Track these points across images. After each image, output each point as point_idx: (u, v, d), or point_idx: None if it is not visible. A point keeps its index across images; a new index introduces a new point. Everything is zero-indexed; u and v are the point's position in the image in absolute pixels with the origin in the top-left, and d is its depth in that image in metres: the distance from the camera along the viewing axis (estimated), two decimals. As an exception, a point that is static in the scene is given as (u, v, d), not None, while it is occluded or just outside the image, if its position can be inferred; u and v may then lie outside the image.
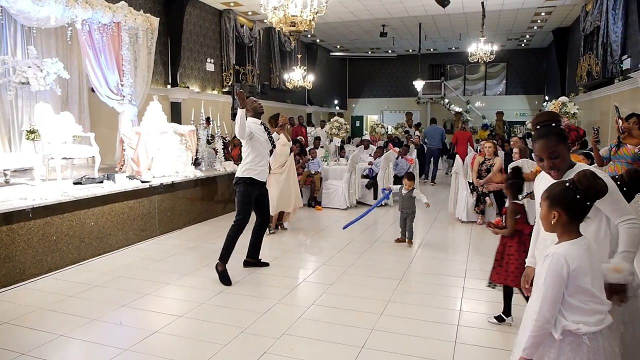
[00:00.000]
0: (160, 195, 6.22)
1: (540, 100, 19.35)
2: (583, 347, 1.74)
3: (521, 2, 12.14)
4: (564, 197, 1.79)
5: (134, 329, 3.46)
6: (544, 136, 2.12)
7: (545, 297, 1.74)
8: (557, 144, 2.07)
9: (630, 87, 8.72)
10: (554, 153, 2.07)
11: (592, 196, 1.78)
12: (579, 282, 1.74)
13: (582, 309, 1.75)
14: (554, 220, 1.81)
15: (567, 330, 1.74)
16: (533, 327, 1.76)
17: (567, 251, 1.76)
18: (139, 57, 7.51)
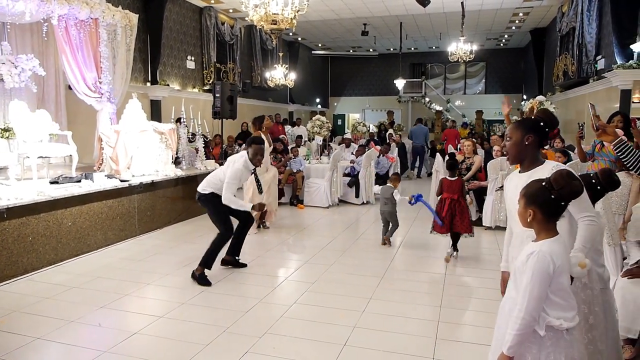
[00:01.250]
0: (140, 194, 6.13)
1: (518, 99, 19.68)
2: (561, 341, 1.78)
3: (500, 3, 12.33)
4: (539, 196, 1.83)
5: (113, 330, 3.41)
6: (516, 123, 2.30)
7: (532, 295, 1.76)
8: (516, 130, 2.23)
9: (604, 86, 8.94)
10: (509, 136, 2.24)
11: (567, 196, 1.82)
12: (561, 279, 1.78)
13: (562, 305, 1.79)
14: (530, 218, 1.85)
15: (549, 326, 1.78)
16: (519, 325, 1.77)
17: (551, 249, 1.79)
18: (118, 54, 7.39)
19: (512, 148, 2.23)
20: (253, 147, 4.49)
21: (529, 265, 1.79)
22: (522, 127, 2.23)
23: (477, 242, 6.00)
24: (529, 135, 2.18)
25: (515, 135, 2.21)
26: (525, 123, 2.27)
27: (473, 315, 3.81)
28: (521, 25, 15.17)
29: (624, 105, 7.95)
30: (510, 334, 1.79)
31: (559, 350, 1.78)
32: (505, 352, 1.80)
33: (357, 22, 14.61)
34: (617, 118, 4.48)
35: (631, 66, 7.79)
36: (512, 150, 2.23)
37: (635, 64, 7.77)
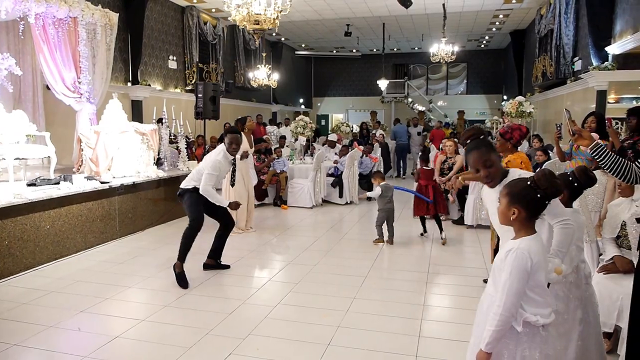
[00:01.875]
0: (120, 196, 6.05)
1: (499, 99, 19.98)
2: (537, 337, 1.82)
3: (480, 5, 12.49)
4: (525, 195, 1.85)
5: (93, 334, 3.36)
6: (475, 148, 2.23)
7: (510, 291, 1.79)
8: (489, 153, 2.19)
9: (581, 87, 9.13)
10: (488, 161, 2.17)
11: (551, 195, 1.87)
12: (538, 276, 1.82)
13: (538, 301, 1.83)
14: (513, 217, 1.87)
15: (526, 322, 1.81)
16: (497, 322, 1.79)
17: (529, 246, 1.83)
18: (98, 53, 7.28)
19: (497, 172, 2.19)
20: (228, 136, 4.57)
21: (508, 262, 1.82)
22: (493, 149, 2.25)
23: (459, 240, 6.07)
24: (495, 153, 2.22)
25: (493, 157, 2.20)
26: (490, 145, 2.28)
27: (455, 312, 3.85)
28: (501, 27, 15.40)
29: (600, 106, 8.14)
30: (488, 330, 1.82)
31: (534, 346, 1.81)
32: (484, 349, 1.82)
33: (340, 23, 14.66)
34: (590, 119, 4.58)
35: (606, 68, 7.97)
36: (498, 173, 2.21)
37: (611, 66, 7.96)
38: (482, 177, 2.21)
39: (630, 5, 7.69)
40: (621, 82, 8.20)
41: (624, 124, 7.03)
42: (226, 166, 4.62)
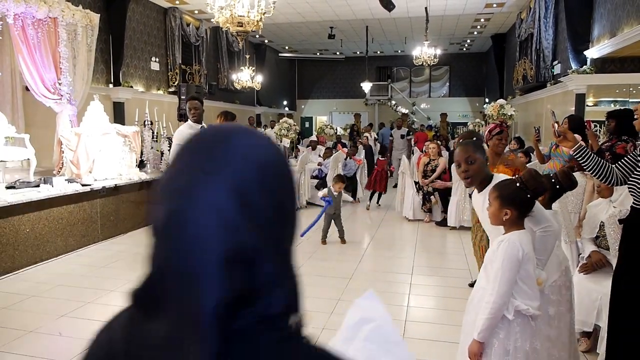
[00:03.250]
0: (102, 198, 5.97)
1: (481, 102, 20.25)
2: (528, 328, 1.86)
3: (462, 8, 12.66)
4: (516, 196, 1.91)
5: (74, 339, 3.31)
6: (463, 144, 2.32)
7: (502, 280, 1.83)
8: (474, 151, 2.23)
9: (560, 90, 9.32)
10: (471, 158, 2.21)
11: (538, 194, 1.94)
12: (527, 267, 1.87)
13: (528, 293, 1.88)
14: (506, 217, 1.92)
15: (517, 311, 1.85)
16: (490, 309, 1.83)
17: (520, 237, 1.89)
18: (78, 54, 7.18)
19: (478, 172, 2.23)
20: (187, 103, 4.72)
21: (500, 252, 1.88)
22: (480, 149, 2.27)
23: (442, 242, 6.14)
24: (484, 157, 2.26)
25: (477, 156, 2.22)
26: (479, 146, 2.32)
27: (439, 314, 3.89)
28: (483, 30, 15.63)
29: (579, 109, 8.31)
30: (481, 319, 1.86)
31: (525, 337, 1.85)
32: (476, 338, 1.86)
33: (324, 25, 14.70)
34: (564, 121, 4.65)
35: (585, 71, 8.15)
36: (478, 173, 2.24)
37: (589, 69, 8.14)
38: (460, 172, 2.25)
39: (607, 10, 7.88)
40: (599, 85, 8.39)
41: (602, 127, 7.20)
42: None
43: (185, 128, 4.59)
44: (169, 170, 0.58)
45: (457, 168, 2.29)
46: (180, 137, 4.51)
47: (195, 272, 0.51)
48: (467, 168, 2.22)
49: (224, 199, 0.52)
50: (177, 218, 0.53)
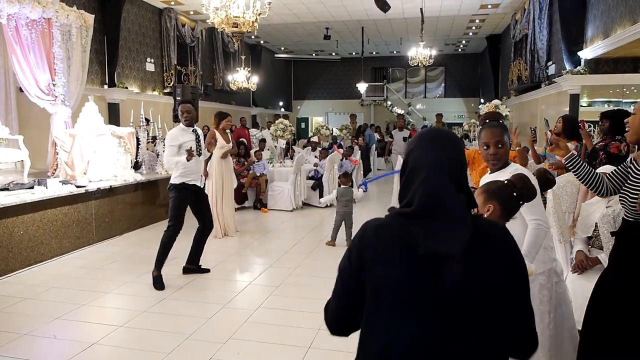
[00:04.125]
0: (97, 200, 5.94)
1: (476, 102, 20.31)
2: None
3: (457, 9, 12.70)
4: (501, 192, 1.90)
5: (69, 342, 3.29)
6: (494, 126, 2.34)
7: None
8: (502, 135, 2.29)
9: (555, 91, 9.36)
10: (500, 142, 2.28)
11: (525, 197, 1.91)
12: None
13: None
14: (488, 213, 1.90)
15: None
16: None
17: None
18: (73, 55, 7.15)
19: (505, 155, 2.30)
20: (179, 107, 4.68)
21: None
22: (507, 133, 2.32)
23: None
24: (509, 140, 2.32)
25: (505, 140, 2.29)
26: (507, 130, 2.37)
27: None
28: (477, 31, 15.68)
29: (573, 109, 8.35)
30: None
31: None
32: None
33: (319, 26, 14.71)
34: (558, 120, 4.70)
35: (579, 72, 8.19)
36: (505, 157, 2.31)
37: (583, 70, 8.18)
38: (489, 154, 2.29)
39: (600, 12, 7.93)
40: (593, 86, 8.44)
41: (596, 127, 7.23)
42: (185, 136, 4.52)
43: (177, 131, 4.56)
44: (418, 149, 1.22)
45: (485, 149, 2.30)
46: (171, 138, 4.49)
47: (453, 193, 1.15)
48: (496, 151, 2.27)
49: (459, 169, 1.20)
50: (448, 168, 1.18)
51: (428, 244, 1.09)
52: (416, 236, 1.10)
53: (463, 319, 1.10)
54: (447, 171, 1.16)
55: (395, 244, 1.14)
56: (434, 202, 1.13)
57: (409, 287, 1.11)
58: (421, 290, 1.10)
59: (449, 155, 1.18)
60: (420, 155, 1.19)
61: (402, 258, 1.12)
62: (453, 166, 1.18)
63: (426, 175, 1.15)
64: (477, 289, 1.10)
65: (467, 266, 1.07)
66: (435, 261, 1.08)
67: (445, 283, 1.07)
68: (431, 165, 1.16)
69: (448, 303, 1.09)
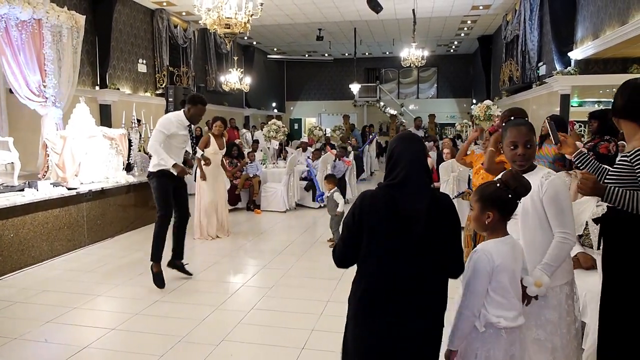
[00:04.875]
0: (89, 202, 5.90)
1: (468, 103, 20.41)
2: (501, 339, 1.84)
3: (449, 10, 12.76)
4: (498, 197, 1.87)
5: (61, 345, 3.26)
6: (523, 124, 2.20)
7: (471, 291, 1.83)
8: (532, 135, 2.16)
9: (546, 91, 9.43)
10: (530, 142, 2.14)
11: (520, 194, 1.89)
12: (500, 278, 1.83)
13: (502, 303, 1.84)
14: (488, 220, 1.88)
15: (489, 323, 1.83)
16: (459, 320, 1.84)
17: (492, 248, 1.85)
18: (64, 56, 7.10)
19: (533, 155, 2.18)
20: (195, 106, 4.41)
21: (470, 263, 1.86)
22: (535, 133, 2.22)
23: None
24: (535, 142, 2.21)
25: (534, 141, 2.18)
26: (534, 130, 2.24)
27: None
28: (469, 32, 15.77)
29: (563, 109, 8.43)
30: (453, 327, 1.86)
31: (498, 347, 1.83)
32: (449, 346, 1.87)
33: (312, 27, 14.72)
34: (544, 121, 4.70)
35: (569, 72, 8.26)
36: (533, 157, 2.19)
37: (573, 71, 8.25)
38: (517, 154, 2.14)
39: (590, 13, 8.00)
40: (583, 86, 8.52)
41: (587, 127, 7.30)
42: (179, 129, 4.37)
43: (174, 118, 4.38)
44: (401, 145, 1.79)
45: (512, 149, 2.16)
46: (164, 125, 4.32)
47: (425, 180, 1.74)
48: (524, 152, 2.13)
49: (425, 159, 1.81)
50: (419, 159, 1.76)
51: (404, 206, 1.71)
52: (396, 200, 1.72)
53: (425, 258, 1.73)
54: (419, 160, 1.78)
55: (382, 206, 1.75)
56: (411, 178, 1.73)
57: (388, 239, 1.74)
58: (397, 240, 1.73)
59: (420, 149, 1.80)
60: (403, 150, 1.78)
61: (387, 215, 1.73)
62: (422, 157, 1.80)
63: (408, 161, 1.75)
64: (435, 236, 1.74)
65: (427, 222, 1.71)
66: (408, 219, 1.71)
67: (413, 234, 1.72)
68: (411, 156, 1.76)
69: (416, 247, 1.73)
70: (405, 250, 1.72)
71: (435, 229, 1.73)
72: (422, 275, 1.73)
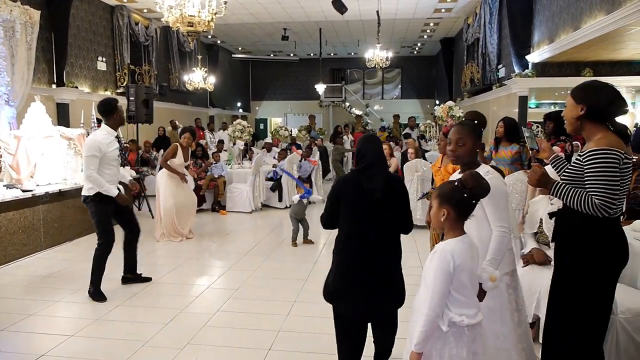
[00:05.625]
0: (45, 205, 5.68)
1: (431, 104, 20.82)
2: (463, 337, 1.88)
3: (412, 12, 12.99)
4: (453, 195, 1.91)
5: (15, 354, 3.13)
6: (460, 124, 2.43)
7: (434, 292, 1.84)
8: (468, 135, 2.33)
9: (505, 93, 9.75)
10: (461, 140, 2.33)
11: (477, 195, 1.92)
12: (461, 277, 1.87)
13: (463, 302, 1.88)
14: (444, 218, 1.93)
15: (452, 322, 1.87)
16: (424, 322, 1.84)
17: (453, 247, 1.88)
18: (17, 52, 6.82)
19: (465, 154, 2.33)
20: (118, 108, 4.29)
21: (432, 264, 1.89)
22: (475, 134, 2.34)
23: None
24: (478, 142, 2.34)
25: (468, 142, 2.31)
26: (477, 130, 2.37)
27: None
28: (432, 34, 16.10)
29: (521, 110, 8.73)
30: (417, 330, 1.87)
31: (461, 345, 1.87)
32: (413, 349, 1.87)
33: (277, 27, 14.66)
34: (500, 124, 4.81)
35: (527, 75, 8.57)
36: (465, 157, 2.33)
37: (531, 73, 8.57)
38: (449, 150, 2.40)
39: (546, 17, 8.33)
40: (540, 88, 8.86)
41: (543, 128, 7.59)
42: (109, 146, 4.08)
43: (101, 137, 4.11)
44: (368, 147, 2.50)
45: (448, 144, 2.42)
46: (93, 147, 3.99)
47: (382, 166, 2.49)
48: (455, 149, 2.35)
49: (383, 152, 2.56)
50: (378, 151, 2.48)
51: (367, 184, 2.37)
52: (362, 179, 2.40)
53: (383, 219, 2.39)
54: (378, 153, 2.46)
55: (352, 183, 2.44)
56: (372, 165, 2.41)
57: (358, 206, 2.40)
58: (364, 207, 2.38)
59: (378, 145, 2.51)
60: (367, 146, 2.48)
61: (356, 192, 2.40)
62: (380, 150, 2.49)
63: (371, 154, 2.44)
64: (389, 203, 2.39)
65: (385, 193, 2.36)
66: (371, 192, 2.36)
67: (374, 201, 2.35)
68: (374, 150, 2.46)
69: (376, 211, 2.37)
70: (369, 212, 2.37)
71: (388, 197, 2.37)
72: (381, 228, 2.39)
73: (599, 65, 8.46)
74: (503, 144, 4.59)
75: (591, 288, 2.15)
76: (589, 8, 6.62)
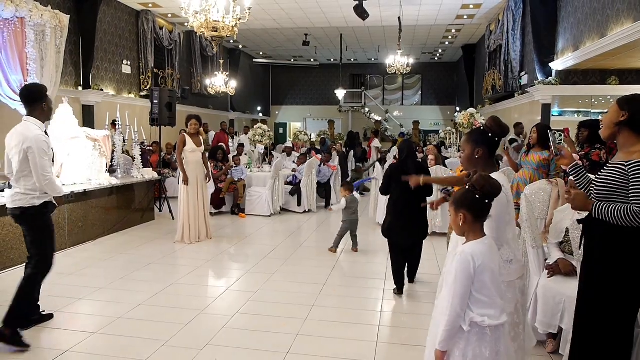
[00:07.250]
0: (70, 204, 5.81)
1: (452, 110, 20.68)
2: (486, 337, 1.90)
3: (434, 19, 12.94)
4: (466, 198, 1.96)
5: (41, 350, 3.21)
6: (468, 132, 2.52)
7: (455, 293, 1.89)
8: (465, 142, 2.40)
9: (528, 100, 9.62)
10: (462, 147, 2.45)
11: (489, 194, 1.95)
12: (483, 278, 1.90)
13: (486, 302, 1.91)
14: (462, 222, 1.97)
15: (473, 322, 1.89)
16: (446, 322, 1.89)
17: (473, 249, 1.92)
18: (47, 56, 6.98)
19: (465, 161, 2.42)
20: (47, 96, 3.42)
21: (454, 266, 1.93)
22: (472, 140, 2.36)
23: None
24: (478, 148, 2.33)
25: (466, 148, 2.37)
26: (474, 136, 2.40)
27: (411, 318, 3.95)
28: (454, 41, 16.00)
29: (544, 118, 8.60)
30: (441, 330, 1.92)
31: (484, 345, 1.90)
32: (438, 347, 1.93)
33: (299, 32, 14.77)
34: (533, 129, 4.83)
35: (550, 82, 8.45)
36: (465, 163, 2.43)
37: (554, 81, 8.44)
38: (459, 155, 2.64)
39: (570, 25, 8.20)
40: (564, 96, 8.72)
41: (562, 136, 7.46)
42: (49, 141, 3.44)
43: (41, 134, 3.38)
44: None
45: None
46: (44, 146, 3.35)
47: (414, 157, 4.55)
48: (460, 155, 2.48)
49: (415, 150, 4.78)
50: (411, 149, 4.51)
51: (405, 167, 4.24)
52: (402, 166, 4.32)
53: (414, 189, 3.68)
54: (412, 150, 4.48)
55: (397, 169, 4.31)
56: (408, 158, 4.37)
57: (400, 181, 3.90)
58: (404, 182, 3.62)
59: (411, 145, 4.51)
60: (406, 146, 4.47)
61: (398, 171, 4.18)
62: (414, 148, 4.54)
63: (408, 149, 4.42)
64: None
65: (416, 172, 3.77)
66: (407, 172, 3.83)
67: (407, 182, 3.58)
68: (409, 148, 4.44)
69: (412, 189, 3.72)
70: (407, 186, 3.59)
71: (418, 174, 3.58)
72: (413, 194, 4.03)
73: (625, 74, 8.30)
74: (535, 149, 4.66)
75: (621, 299, 2.12)
76: (616, 15, 6.51)
